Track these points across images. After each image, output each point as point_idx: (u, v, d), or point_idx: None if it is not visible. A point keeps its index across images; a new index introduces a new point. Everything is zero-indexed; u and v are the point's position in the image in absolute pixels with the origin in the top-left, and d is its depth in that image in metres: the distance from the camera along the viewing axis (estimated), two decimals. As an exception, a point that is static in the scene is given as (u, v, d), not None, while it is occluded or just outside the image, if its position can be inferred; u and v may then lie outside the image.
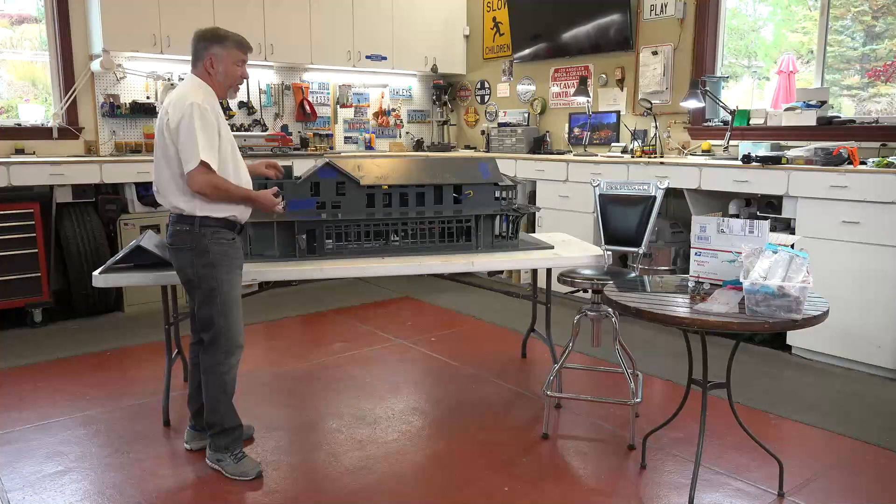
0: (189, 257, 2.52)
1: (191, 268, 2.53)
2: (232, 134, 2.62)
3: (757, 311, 2.09)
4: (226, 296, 2.55)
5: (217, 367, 2.60)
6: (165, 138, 2.45)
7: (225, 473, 2.61)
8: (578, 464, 2.74)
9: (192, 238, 2.50)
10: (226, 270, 2.54)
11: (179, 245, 2.53)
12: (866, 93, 4.44)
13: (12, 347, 4.12)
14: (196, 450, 2.81)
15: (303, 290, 5.35)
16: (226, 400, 2.63)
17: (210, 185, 2.43)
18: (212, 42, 2.54)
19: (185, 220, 2.51)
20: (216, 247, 2.51)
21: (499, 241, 3.35)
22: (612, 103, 5.62)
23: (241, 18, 5.38)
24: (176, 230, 2.53)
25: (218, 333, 2.56)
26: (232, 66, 2.57)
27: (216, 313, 2.54)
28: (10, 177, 4.32)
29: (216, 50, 2.53)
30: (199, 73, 2.56)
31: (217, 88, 2.58)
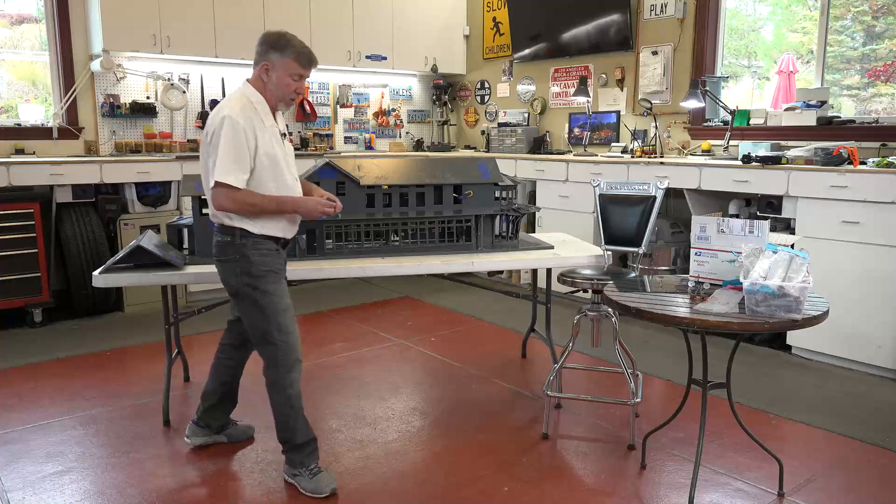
0: (232, 269, 2.43)
1: (235, 279, 2.44)
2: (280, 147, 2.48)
3: (757, 311, 2.09)
4: (275, 307, 2.45)
5: (280, 382, 2.49)
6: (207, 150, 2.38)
7: (300, 489, 2.51)
8: (578, 464, 2.74)
9: (233, 249, 2.41)
10: (271, 281, 2.44)
11: (222, 256, 2.45)
12: (866, 93, 4.44)
13: (12, 347, 4.12)
14: (197, 445, 2.82)
15: (303, 290, 5.35)
16: (294, 414, 2.52)
17: (232, 201, 2.34)
18: (271, 48, 2.43)
19: (225, 231, 2.42)
20: (258, 258, 2.42)
21: (499, 241, 3.35)
22: (612, 103, 5.62)
23: (241, 18, 5.38)
24: (217, 241, 2.46)
25: (276, 349, 2.46)
26: (286, 78, 2.45)
27: (271, 327, 2.44)
28: (10, 177, 4.32)
29: (274, 57, 2.42)
30: (253, 79, 2.47)
31: (269, 97, 2.47)
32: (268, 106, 2.46)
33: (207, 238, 3.07)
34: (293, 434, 2.53)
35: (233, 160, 2.32)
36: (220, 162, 2.30)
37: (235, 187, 2.32)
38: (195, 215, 3.08)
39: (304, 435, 2.55)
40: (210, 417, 2.83)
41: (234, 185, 2.32)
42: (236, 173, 2.33)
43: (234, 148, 2.31)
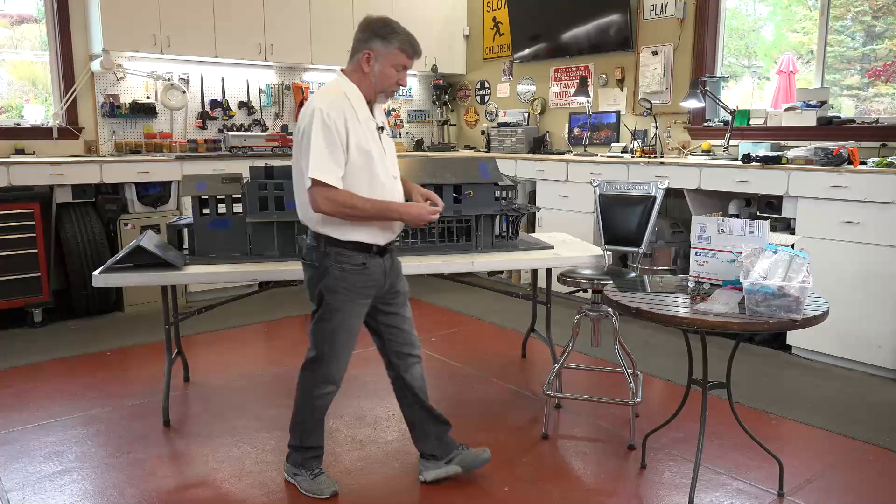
0: (312, 275, 2.35)
1: (312, 286, 2.36)
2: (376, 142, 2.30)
3: (757, 311, 2.08)
4: (337, 326, 2.34)
5: (311, 389, 2.42)
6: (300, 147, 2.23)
7: (300, 489, 2.48)
8: (578, 464, 2.74)
9: (316, 256, 2.31)
10: (343, 298, 2.31)
11: (306, 259, 2.37)
12: (866, 93, 4.44)
13: (12, 347, 4.12)
14: (428, 481, 2.54)
15: (303, 290, 5.34)
16: (312, 421, 2.47)
17: (329, 202, 2.17)
18: (375, 36, 2.25)
19: (313, 236, 2.32)
20: (337, 271, 2.28)
21: (499, 241, 3.35)
22: (612, 103, 5.62)
23: (241, 18, 5.38)
24: (307, 244, 2.36)
25: (319, 358, 2.39)
26: (389, 69, 2.27)
27: (323, 338, 2.36)
28: (10, 177, 4.33)
29: (377, 46, 2.25)
30: (351, 68, 2.29)
31: (368, 89, 2.29)
32: (363, 98, 2.28)
33: (207, 238, 3.09)
34: (304, 436, 2.48)
35: (327, 156, 2.15)
36: (313, 159, 2.14)
37: (333, 186, 2.16)
38: (195, 215, 3.09)
39: (315, 440, 2.50)
40: (425, 447, 2.57)
41: (331, 184, 2.15)
42: (333, 170, 2.16)
43: (327, 143, 2.15)
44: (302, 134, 2.21)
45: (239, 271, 2.98)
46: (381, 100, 2.36)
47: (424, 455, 2.58)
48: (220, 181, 3.14)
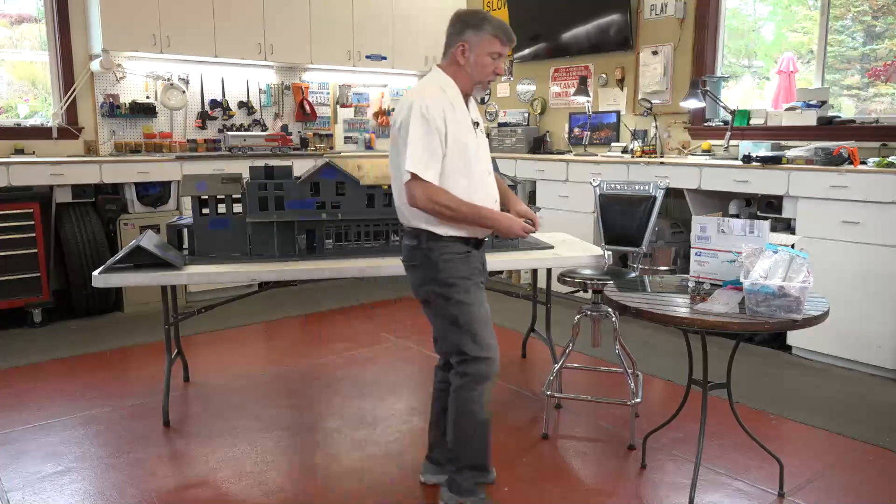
0: (421, 276, 2.25)
1: (423, 288, 2.26)
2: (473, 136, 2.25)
3: (757, 311, 2.08)
4: (469, 317, 2.23)
5: (471, 396, 2.25)
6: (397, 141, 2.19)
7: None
8: (578, 464, 2.74)
9: (420, 254, 2.22)
10: (462, 289, 2.23)
11: (410, 262, 2.28)
12: (866, 93, 4.44)
13: (12, 347, 4.12)
14: (430, 484, 2.52)
15: (303, 290, 5.35)
16: (481, 433, 2.30)
17: (426, 198, 2.12)
18: (466, 27, 2.24)
19: (411, 234, 2.25)
20: (446, 264, 2.21)
21: (499, 241, 3.35)
22: (612, 103, 5.62)
23: (241, 18, 5.38)
24: (405, 245, 2.28)
25: (468, 358, 2.24)
26: (484, 58, 2.23)
27: (465, 339, 2.23)
28: (10, 177, 4.32)
29: (470, 36, 2.23)
30: (447, 63, 2.26)
31: (464, 82, 2.25)
32: (460, 92, 2.25)
33: (207, 238, 3.09)
34: (474, 454, 2.30)
35: (425, 151, 2.10)
36: (411, 153, 2.09)
37: (431, 182, 2.12)
38: (195, 215, 3.08)
39: (484, 456, 2.33)
40: (438, 452, 2.51)
41: (428, 180, 2.11)
42: (432, 165, 2.12)
43: (425, 137, 2.10)
44: (399, 126, 2.17)
45: (239, 271, 2.98)
46: (479, 91, 2.32)
47: (432, 459, 2.55)
48: (220, 181, 3.14)
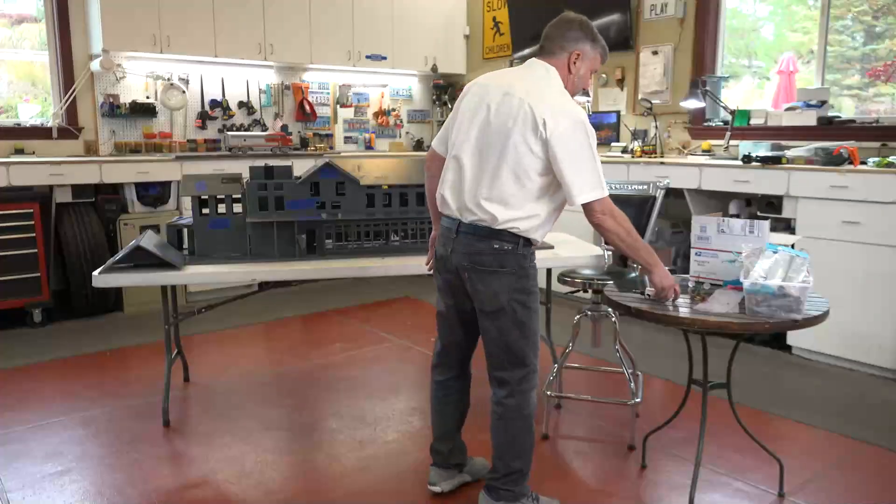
0: (508, 282, 2.10)
1: (506, 295, 2.11)
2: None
3: (757, 311, 2.08)
4: (536, 327, 2.20)
5: (525, 407, 2.20)
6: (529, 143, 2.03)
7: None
8: (578, 464, 2.74)
9: (514, 260, 2.09)
10: (536, 298, 2.19)
11: (498, 267, 2.09)
12: (866, 93, 4.44)
13: (12, 347, 4.12)
14: (445, 491, 2.47)
15: (303, 290, 5.34)
16: (532, 441, 2.26)
17: (611, 218, 2.07)
18: (586, 37, 2.17)
19: (508, 238, 2.08)
20: (534, 272, 2.17)
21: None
22: (612, 103, 5.61)
23: (241, 18, 5.38)
24: (494, 248, 2.08)
25: (531, 372, 2.20)
26: (588, 72, 2.22)
27: (529, 348, 2.17)
28: (10, 177, 4.32)
29: (586, 47, 2.17)
30: (558, 63, 2.15)
31: (569, 89, 2.19)
32: None
33: (207, 238, 3.09)
34: (527, 462, 2.26)
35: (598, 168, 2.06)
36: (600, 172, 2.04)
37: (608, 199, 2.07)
38: (195, 215, 3.08)
39: (530, 460, 2.29)
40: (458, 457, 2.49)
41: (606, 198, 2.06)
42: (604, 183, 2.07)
43: (595, 154, 2.05)
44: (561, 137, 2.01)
45: (239, 271, 2.98)
46: None
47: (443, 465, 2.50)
48: (220, 181, 3.13)
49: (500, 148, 2.05)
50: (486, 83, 2.17)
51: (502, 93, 2.09)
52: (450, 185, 2.16)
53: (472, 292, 2.15)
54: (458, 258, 2.14)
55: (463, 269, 2.13)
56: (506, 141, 2.05)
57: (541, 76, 2.14)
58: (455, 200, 2.14)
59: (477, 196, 2.09)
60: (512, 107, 2.05)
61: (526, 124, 2.02)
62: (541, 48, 2.19)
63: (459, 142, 2.14)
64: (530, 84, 2.10)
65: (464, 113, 2.16)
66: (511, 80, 2.13)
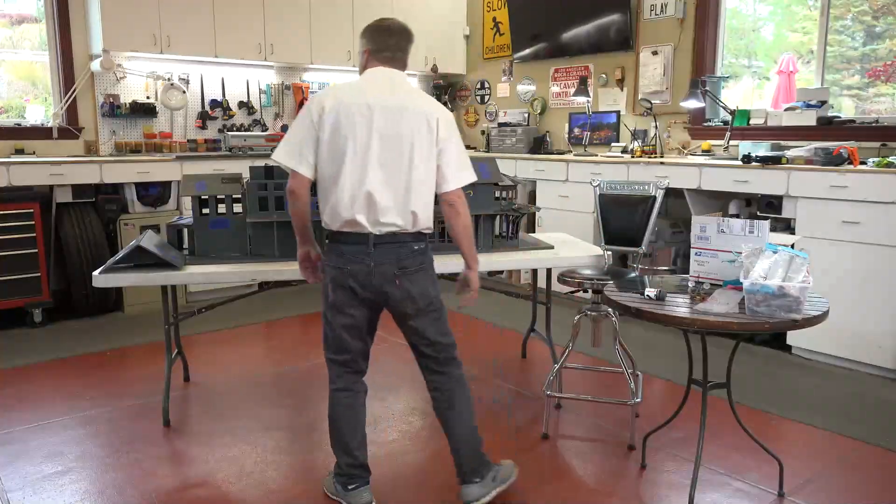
0: (430, 279, 2.30)
1: (432, 291, 2.29)
2: None
3: (757, 311, 2.08)
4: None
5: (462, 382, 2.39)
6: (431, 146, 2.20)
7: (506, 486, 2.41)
8: (578, 464, 2.74)
9: (429, 258, 2.30)
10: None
11: (417, 266, 2.25)
12: (866, 93, 4.44)
13: (12, 347, 4.12)
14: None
15: (303, 290, 5.34)
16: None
17: (466, 207, 2.27)
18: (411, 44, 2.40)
19: (422, 239, 2.26)
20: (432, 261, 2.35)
21: (499, 241, 3.35)
22: (612, 103, 5.62)
23: (241, 18, 5.38)
24: (414, 250, 2.23)
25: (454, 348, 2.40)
26: None
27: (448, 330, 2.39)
28: (10, 177, 4.32)
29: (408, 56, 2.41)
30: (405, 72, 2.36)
31: None
32: None
33: (207, 238, 3.08)
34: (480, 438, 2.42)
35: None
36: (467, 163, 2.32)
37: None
38: (195, 215, 3.08)
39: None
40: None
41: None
42: None
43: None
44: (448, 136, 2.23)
45: (239, 271, 2.98)
46: None
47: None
48: (220, 181, 3.14)
49: (408, 159, 2.17)
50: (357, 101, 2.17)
51: (392, 106, 2.17)
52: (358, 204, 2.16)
53: (403, 297, 2.23)
54: (385, 269, 2.20)
55: (392, 277, 2.20)
56: (411, 152, 2.17)
57: (412, 86, 2.33)
58: (367, 216, 2.17)
59: (395, 207, 2.17)
60: (408, 118, 2.17)
61: (424, 132, 2.18)
62: (396, 60, 2.31)
63: (357, 160, 2.15)
64: (413, 94, 2.25)
65: (342, 131, 2.16)
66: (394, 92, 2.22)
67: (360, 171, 2.15)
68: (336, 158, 2.16)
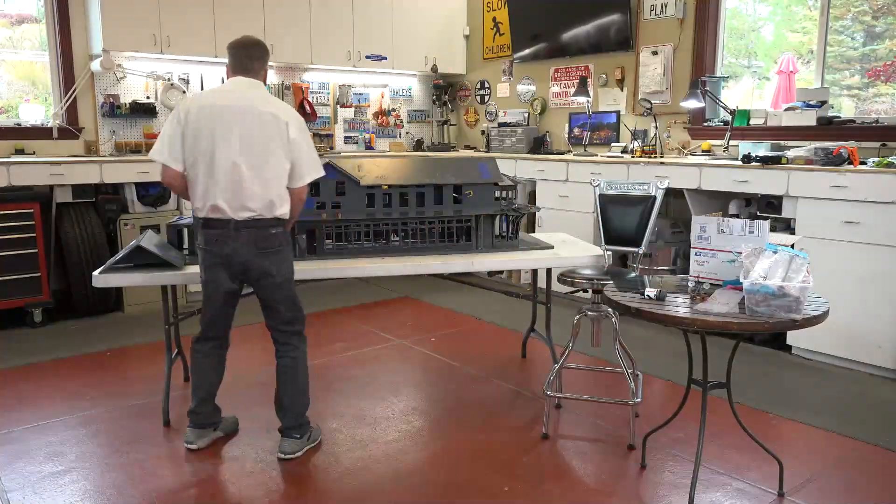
0: (283, 258, 2.67)
1: (288, 267, 2.70)
2: None
3: (757, 311, 2.08)
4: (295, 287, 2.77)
5: (305, 352, 2.81)
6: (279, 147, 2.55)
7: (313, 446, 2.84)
8: (578, 464, 2.74)
9: (284, 238, 2.67)
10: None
11: (276, 246, 2.63)
12: (866, 93, 4.44)
13: (12, 347, 4.12)
14: (202, 448, 2.82)
15: (303, 290, 5.34)
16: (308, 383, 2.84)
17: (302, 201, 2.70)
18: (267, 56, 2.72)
19: (276, 223, 2.62)
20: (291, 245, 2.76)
21: (499, 241, 3.35)
22: (612, 103, 5.62)
23: (241, 18, 5.38)
24: (272, 234, 2.61)
25: (303, 325, 2.79)
26: None
27: (298, 306, 2.76)
28: (10, 177, 4.32)
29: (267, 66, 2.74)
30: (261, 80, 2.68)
31: None
32: None
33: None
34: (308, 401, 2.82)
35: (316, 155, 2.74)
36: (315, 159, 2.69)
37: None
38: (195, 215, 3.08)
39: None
40: (214, 417, 2.89)
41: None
42: None
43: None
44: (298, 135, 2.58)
45: (239, 271, 2.98)
46: None
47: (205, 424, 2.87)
48: (220, 181, 3.13)
49: (264, 155, 2.52)
50: (217, 103, 2.54)
51: (247, 109, 2.53)
52: (221, 193, 2.52)
53: (261, 274, 2.62)
54: (246, 250, 2.57)
55: (252, 256, 2.58)
56: (267, 146, 2.52)
57: (265, 92, 2.65)
58: (230, 204, 2.53)
59: (254, 196, 2.53)
60: (263, 119, 2.52)
61: (276, 132, 2.53)
62: (252, 71, 2.64)
63: (221, 156, 2.51)
64: (267, 99, 2.59)
65: (205, 131, 2.52)
66: (247, 97, 2.57)
67: (221, 164, 2.51)
68: (200, 154, 2.53)
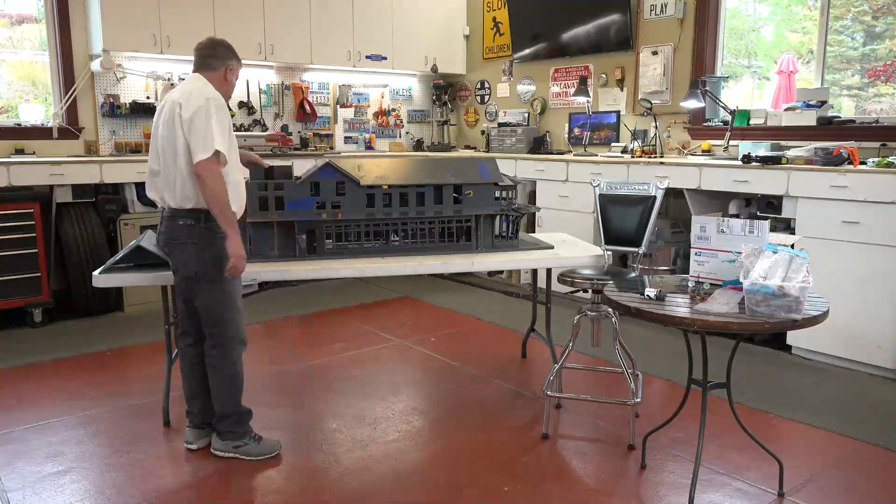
0: (194, 251, 2.57)
1: (197, 262, 2.58)
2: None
3: (757, 311, 2.08)
4: (232, 286, 2.66)
5: (230, 358, 2.69)
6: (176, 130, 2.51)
7: (247, 458, 2.71)
8: (578, 464, 2.74)
9: (198, 232, 2.55)
10: (226, 265, 2.57)
11: (183, 239, 2.57)
12: (866, 93, 4.44)
13: (12, 347, 4.12)
14: (201, 448, 2.81)
15: (303, 290, 5.35)
16: (240, 386, 2.76)
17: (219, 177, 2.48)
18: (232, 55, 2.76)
19: (191, 215, 2.55)
20: (222, 241, 2.54)
21: (499, 241, 3.35)
22: (612, 103, 5.62)
23: (241, 18, 5.38)
24: (178, 225, 2.57)
25: (226, 325, 2.65)
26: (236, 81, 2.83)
27: (225, 305, 2.64)
28: (10, 177, 4.32)
29: (234, 63, 2.76)
30: (213, 76, 2.70)
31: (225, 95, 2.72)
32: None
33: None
34: (239, 404, 2.76)
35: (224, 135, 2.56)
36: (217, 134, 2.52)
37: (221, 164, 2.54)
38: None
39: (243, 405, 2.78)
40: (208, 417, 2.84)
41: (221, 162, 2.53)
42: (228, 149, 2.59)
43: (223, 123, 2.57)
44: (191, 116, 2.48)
45: (239, 271, 2.98)
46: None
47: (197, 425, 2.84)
48: (220, 181, 3.13)
49: (172, 147, 2.55)
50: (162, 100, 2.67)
51: (163, 104, 2.63)
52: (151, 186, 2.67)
53: (174, 264, 2.64)
54: (163, 241, 2.64)
55: (163, 245, 2.64)
56: (171, 138, 2.54)
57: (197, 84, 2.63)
58: (157, 193, 2.64)
59: (167, 186, 2.58)
60: (166, 111, 2.58)
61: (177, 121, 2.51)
62: (203, 66, 2.72)
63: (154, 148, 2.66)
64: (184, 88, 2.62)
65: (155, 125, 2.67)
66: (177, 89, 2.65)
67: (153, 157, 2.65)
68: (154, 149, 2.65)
